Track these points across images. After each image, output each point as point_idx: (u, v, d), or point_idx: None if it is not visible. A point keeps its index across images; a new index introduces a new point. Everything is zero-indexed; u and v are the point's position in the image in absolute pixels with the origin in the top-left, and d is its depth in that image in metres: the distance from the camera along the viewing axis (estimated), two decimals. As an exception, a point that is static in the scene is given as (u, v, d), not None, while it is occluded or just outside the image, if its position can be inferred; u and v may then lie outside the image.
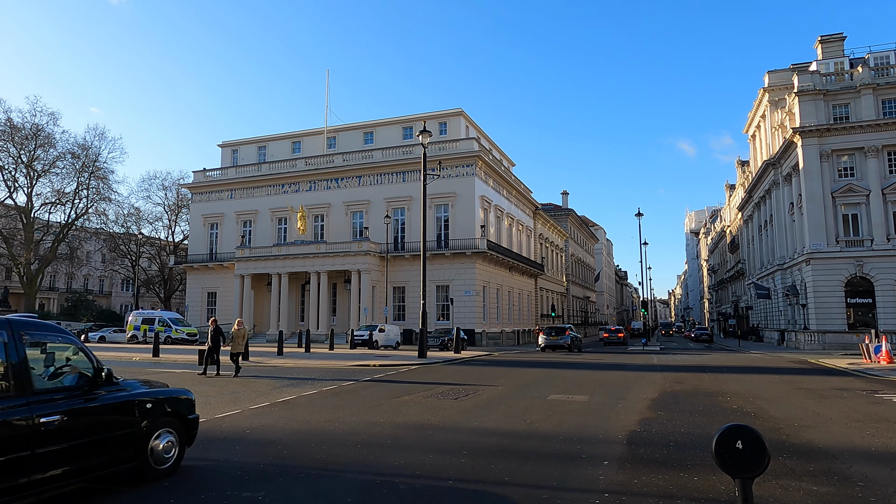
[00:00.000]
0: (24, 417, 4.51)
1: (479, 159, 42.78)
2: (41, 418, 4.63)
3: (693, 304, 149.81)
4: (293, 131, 54.58)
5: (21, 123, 53.99)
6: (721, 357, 29.59)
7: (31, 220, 55.90)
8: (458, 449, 7.70)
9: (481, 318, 41.96)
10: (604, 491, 5.78)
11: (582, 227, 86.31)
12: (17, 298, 59.94)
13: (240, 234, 49.19)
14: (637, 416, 10.40)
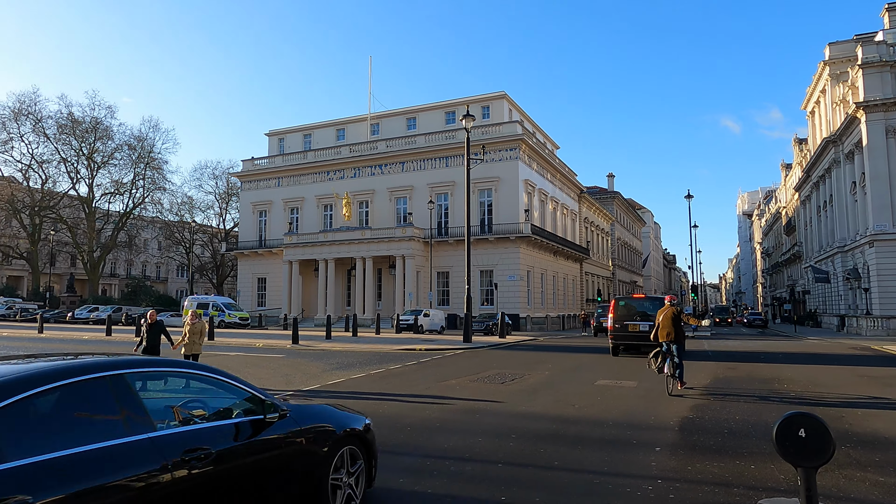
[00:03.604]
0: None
1: (522, 143, 42.30)
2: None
3: (745, 289, 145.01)
4: (337, 118, 55.23)
5: (81, 117, 56.62)
6: (776, 343, 28.59)
7: (93, 209, 58.69)
8: (507, 433, 7.73)
9: (526, 303, 41.76)
10: (656, 477, 5.70)
11: (628, 210, 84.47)
12: (81, 284, 63.17)
13: (287, 221, 50.28)
14: (689, 402, 10.18)
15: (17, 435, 2.71)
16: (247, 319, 41.17)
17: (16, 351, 20.04)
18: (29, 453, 2.66)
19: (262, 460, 3.78)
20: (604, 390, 11.55)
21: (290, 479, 3.98)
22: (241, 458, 3.66)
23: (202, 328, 12.89)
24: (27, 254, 58.45)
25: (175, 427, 3.44)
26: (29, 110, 54.32)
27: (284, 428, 4.02)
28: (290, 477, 3.98)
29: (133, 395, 3.31)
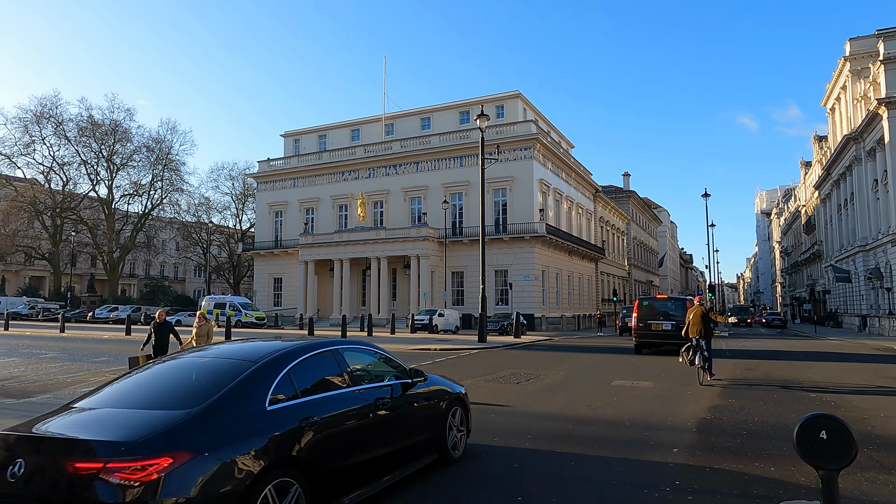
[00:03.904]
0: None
1: (537, 142, 42.16)
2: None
3: (764, 289, 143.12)
4: (352, 119, 55.47)
5: (101, 120, 57.51)
6: (796, 343, 28.19)
7: (112, 211, 59.59)
8: (522, 433, 7.71)
9: (540, 303, 41.62)
10: (674, 478, 5.65)
11: (644, 210, 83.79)
12: (101, 284, 64.16)
13: (303, 222, 50.61)
14: (706, 403, 10.08)
15: (299, 383, 4.56)
16: (263, 319, 41.51)
17: (41, 350, 20.40)
18: (308, 394, 4.57)
19: (413, 408, 5.75)
20: (620, 391, 11.47)
21: (427, 420, 5.95)
22: (403, 405, 5.56)
23: (209, 330, 12.54)
24: (49, 254, 59.48)
25: (369, 384, 5.32)
26: (50, 113, 55.33)
27: (421, 389, 5.99)
28: (426, 419, 5.95)
29: (346, 363, 5.25)
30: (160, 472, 3.26)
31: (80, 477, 3.26)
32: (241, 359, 4.57)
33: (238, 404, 3.99)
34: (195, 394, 4.04)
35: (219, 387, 4.08)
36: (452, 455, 6.24)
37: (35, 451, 3.50)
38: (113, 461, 3.25)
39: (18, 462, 3.42)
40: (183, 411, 3.76)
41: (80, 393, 11.39)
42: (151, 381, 4.45)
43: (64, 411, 4.08)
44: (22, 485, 3.35)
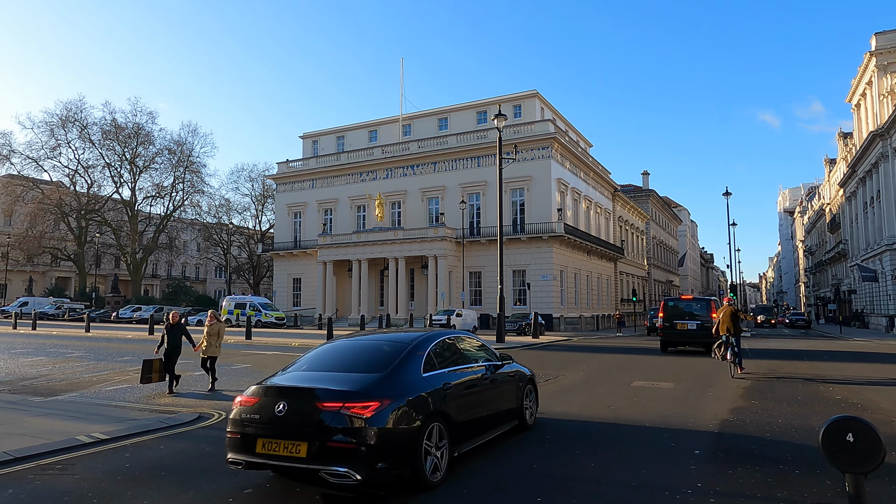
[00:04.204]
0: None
1: (554, 141, 41.94)
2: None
3: (787, 288, 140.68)
4: (370, 120, 55.71)
5: (124, 123, 58.56)
6: (820, 344, 27.70)
7: (135, 212, 60.64)
8: (541, 434, 7.69)
9: (559, 303, 41.40)
10: (696, 481, 5.59)
11: (664, 209, 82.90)
12: (125, 285, 65.26)
13: (321, 222, 50.96)
14: (729, 404, 9.95)
15: (435, 362, 6.15)
16: (283, 319, 41.88)
17: (67, 349, 20.83)
18: (441, 368, 6.16)
19: (503, 383, 7.41)
20: (640, 392, 11.37)
21: (511, 394, 7.62)
22: (497, 380, 7.25)
23: (219, 330, 12.16)
24: (74, 255, 60.70)
25: (476, 363, 7.05)
26: (75, 117, 56.45)
27: (507, 370, 7.68)
28: (511, 392, 7.62)
29: (459, 347, 7.05)
30: (374, 410, 5.00)
31: (326, 412, 5.04)
32: (398, 342, 6.39)
33: (406, 372, 5.75)
34: (378, 363, 5.83)
35: (391, 360, 5.85)
36: (528, 423, 7.98)
37: (291, 397, 5.28)
38: (348, 402, 5.04)
39: (282, 403, 5.19)
40: (376, 374, 5.57)
41: (105, 391, 11.63)
42: (339, 354, 6.35)
43: (285, 373, 6.11)
44: (287, 417, 5.11)
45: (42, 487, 5.60)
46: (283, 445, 5.05)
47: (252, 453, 5.18)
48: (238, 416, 5.44)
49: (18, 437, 7.43)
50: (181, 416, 9.06)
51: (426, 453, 5.37)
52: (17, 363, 16.48)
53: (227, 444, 5.45)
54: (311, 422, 5.02)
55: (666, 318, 20.23)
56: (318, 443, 4.94)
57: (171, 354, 11.48)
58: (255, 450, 5.16)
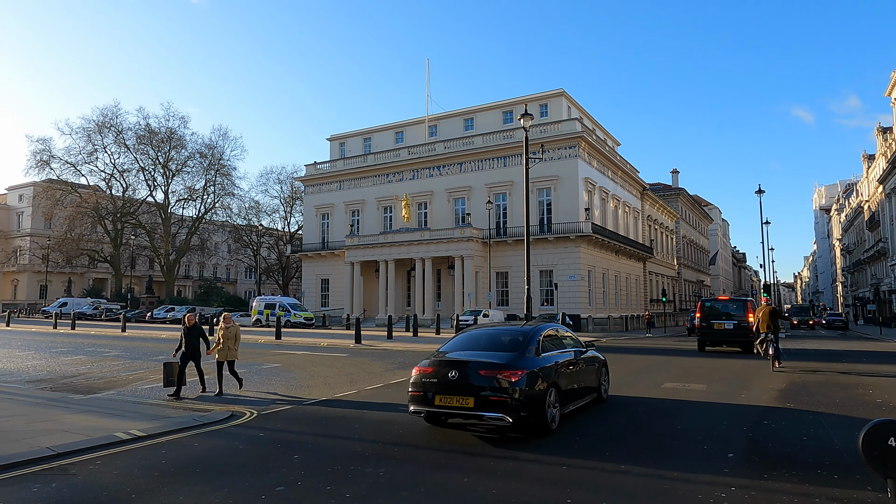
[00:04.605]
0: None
1: (581, 140, 41.57)
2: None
3: (823, 288, 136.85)
4: (396, 122, 55.99)
5: (157, 128, 60.01)
6: (859, 345, 26.88)
7: (168, 215, 62.08)
8: (570, 435, 7.64)
9: (587, 303, 41.00)
10: (729, 484, 5.49)
11: (694, 207, 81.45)
12: (158, 285, 66.86)
13: (349, 223, 51.42)
14: (763, 407, 9.74)
15: (545, 346, 8.17)
16: (311, 319, 42.36)
17: (104, 349, 21.43)
18: (547, 352, 8.15)
19: (587, 364, 9.42)
20: (671, 393, 11.20)
21: (593, 372, 9.64)
22: (583, 361, 9.23)
23: (236, 333, 11.60)
24: (110, 257, 62.43)
25: (569, 348, 8.96)
26: (111, 123, 58.08)
27: (589, 354, 9.64)
28: (593, 371, 9.64)
29: (559, 336, 9.06)
30: (518, 376, 7.21)
31: (486, 377, 7.26)
32: (519, 331, 8.61)
33: (530, 352, 7.87)
34: (510, 346, 8.06)
35: (519, 344, 8.03)
36: (603, 397, 10.02)
37: (460, 367, 7.43)
38: (500, 371, 7.26)
39: (453, 371, 7.40)
40: (513, 353, 7.74)
41: (141, 389, 11.94)
42: (478, 340, 8.56)
43: (446, 351, 8.30)
44: (458, 380, 7.30)
45: (83, 482, 5.78)
46: (455, 399, 7.29)
47: (431, 405, 7.45)
48: (419, 379, 7.64)
49: (60, 433, 7.68)
50: (215, 413, 9.25)
51: (548, 408, 7.57)
52: (58, 362, 17.03)
53: (409, 400, 7.73)
54: (476, 383, 7.26)
55: (703, 318, 21.00)
56: (482, 397, 7.17)
57: (190, 357, 11.26)
58: (433, 403, 7.43)
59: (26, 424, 8.31)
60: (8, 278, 69.28)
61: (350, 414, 9.29)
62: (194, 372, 11.60)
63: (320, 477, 5.83)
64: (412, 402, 7.67)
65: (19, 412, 9.32)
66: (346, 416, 9.08)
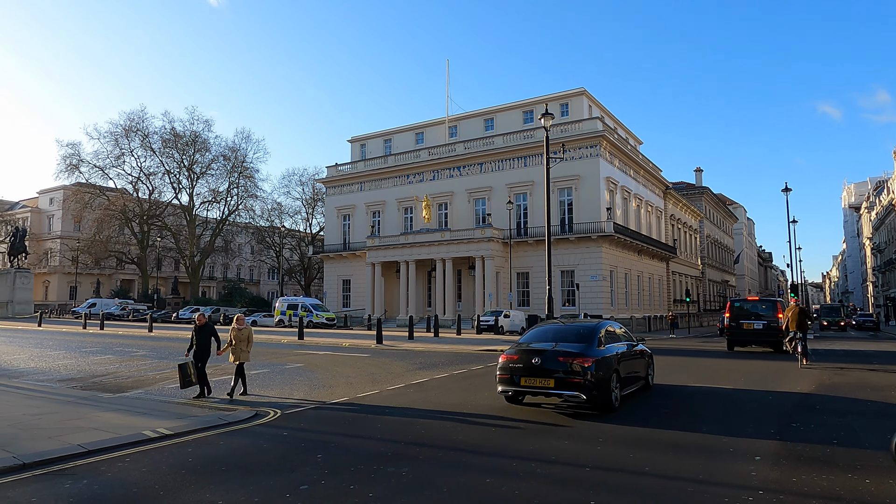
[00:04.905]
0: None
1: (603, 139, 41.23)
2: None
3: (853, 288, 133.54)
4: (416, 123, 56.13)
5: (182, 132, 61.05)
6: (890, 346, 26.17)
7: (193, 217, 63.11)
8: (594, 436, 7.59)
9: (609, 304, 40.63)
10: (757, 488, 5.40)
11: (718, 206, 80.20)
12: (184, 286, 68.00)
13: (369, 224, 51.70)
14: (791, 409, 9.55)
15: (606, 340, 9.78)
16: (333, 320, 42.67)
17: (132, 348, 21.86)
18: (607, 344, 9.72)
19: (638, 356, 11.03)
20: (694, 394, 11.03)
21: (642, 363, 11.26)
22: (635, 353, 10.86)
23: (249, 335, 11.40)
24: (137, 259, 63.69)
25: (623, 342, 10.52)
26: (137, 127, 59.28)
27: (639, 348, 11.24)
28: (642, 362, 11.26)
29: (615, 331, 10.59)
30: (590, 363, 8.74)
31: (564, 362, 8.83)
32: (584, 326, 10.32)
33: (596, 344, 9.40)
34: (580, 338, 9.56)
35: (586, 337, 9.58)
36: (650, 384, 11.70)
37: (541, 354, 9.08)
38: (576, 358, 8.81)
39: (536, 357, 9.00)
40: (583, 344, 9.29)
41: (167, 388, 12.15)
42: (551, 332, 10.10)
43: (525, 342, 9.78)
44: (540, 365, 8.93)
45: (113, 479, 5.91)
46: (538, 380, 8.97)
47: (517, 385, 9.17)
48: (506, 365, 9.32)
49: (91, 430, 7.86)
50: (239, 413, 9.38)
51: (612, 389, 9.21)
52: (88, 361, 17.43)
53: (498, 381, 9.45)
54: (556, 367, 8.91)
55: (732, 318, 21.45)
56: (561, 378, 8.83)
57: (201, 357, 11.12)
58: (519, 383, 9.14)
59: (59, 422, 8.52)
60: (40, 280, 71.05)
61: (372, 414, 9.34)
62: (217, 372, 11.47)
63: (343, 476, 5.88)
64: (501, 383, 9.40)
65: (52, 410, 9.57)
66: (369, 416, 9.14)
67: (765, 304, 21.90)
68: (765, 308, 21.43)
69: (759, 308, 21.58)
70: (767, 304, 21.92)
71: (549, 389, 8.92)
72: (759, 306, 21.81)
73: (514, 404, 9.79)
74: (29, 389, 12.00)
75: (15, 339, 26.14)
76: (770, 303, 21.93)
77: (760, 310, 21.40)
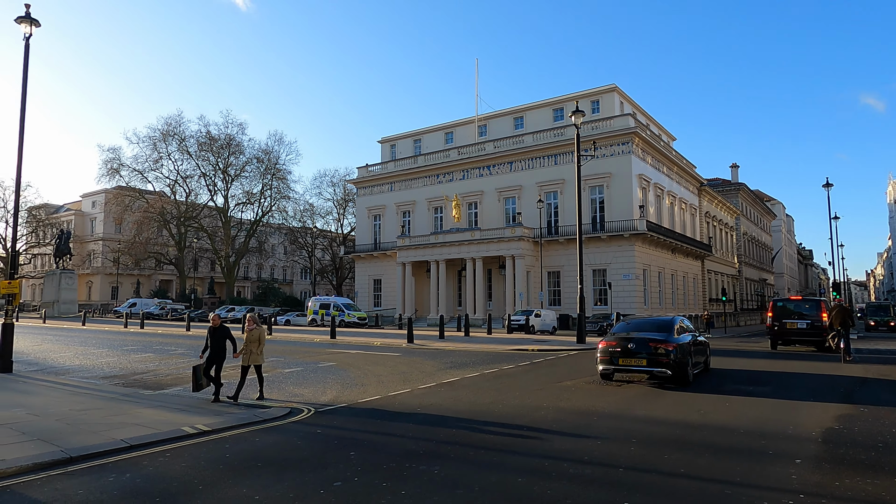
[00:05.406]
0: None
1: (635, 136, 40.61)
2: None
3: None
4: (446, 122, 56.24)
5: (217, 135, 62.42)
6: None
7: (228, 218, 64.46)
8: (626, 437, 7.49)
9: (642, 303, 40.02)
10: (798, 491, 5.26)
11: (755, 203, 78.16)
12: (219, 286, 69.56)
13: (400, 224, 52.01)
14: (834, 411, 9.26)
15: (679, 331, 12.61)
16: (364, 319, 43.08)
17: (171, 347, 22.44)
18: (680, 335, 12.45)
19: (700, 345, 13.78)
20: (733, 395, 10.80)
21: (702, 352, 13.99)
22: (698, 342, 13.50)
23: (260, 336, 10.68)
24: (175, 259, 65.40)
25: (689, 334, 12.99)
26: (174, 131, 60.87)
27: (700, 339, 13.90)
28: (702, 351, 13.99)
29: (683, 325, 13.30)
30: (672, 347, 11.54)
31: (652, 347, 11.59)
32: (662, 320, 13.37)
33: (675, 333, 12.22)
34: (661, 329, 12.42)
35: (666, 328, 12.48)
36: (709, 368, 14.53)
37: (635, 340, 11.84)
38: (661, 343, 11.61)
39: (631, 343, 11.80)
40: (665, 333, 12.14)
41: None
42: (639, 325, 13.26)
43: (620, 331, 12.82)
44: (634, 348, 11.70)
45: (154, 473, 6.09)
46: (633, 360, 11.68)
47: (616, 364, 11.86)
48: (606, 349, 11.97)
49: (133, 426, 8.12)
50: (274, 410, 9.56)
51: (688, 368, 11.85)
52: (129, 359, 17.98)
53: (598, 362, 12.15)
54: (646, 350, 11.59)
55: (775, 317, 21.75)
56: (651, 358, 11.52)
57: (215, 359, 10.61)
58: (617, 363, 11.83)
59: (102, 418, 8.83)
60: (83, 280, 73.57)
61: (404, 412, 9.40)
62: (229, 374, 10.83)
63: (376, 474, 5.94)
64: (601, 363, 12.07)
65: (96, 406, 9.91)
66: (400, 415, 9.20)
67: (808, 304, 21.96)
68: (808, 307, 21.53)
69: (803, 307, 21.70)
70: (811, 303, 21.98)
71: (641, 367, 11.61)
72: (803, 306, 21.93)
73: (607, 381, 12.40)
74: (74, 386, 12.45)
75: (61, 338, 27.14)
76: (814, 302, 21.94)
77: (804, 309, 21.51)
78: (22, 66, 14.91)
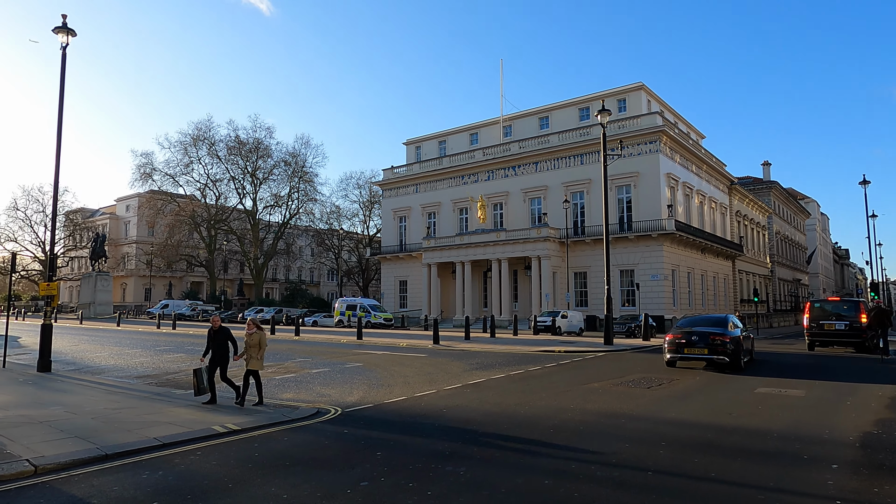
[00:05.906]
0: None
1: (663, 134, 40.00)
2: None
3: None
4: (470, 123, 56.18)
5: (246, 139, 63.49)
6: None
7: (256, 221, 65.49)
8: (655, 439, 7.38)
9: (670, 304, 39.37)
10: (834, 497, 5.12)
11: (788, 201, 76.28)
12: (248, 288, 70.70)
13: (425, 226, 52.13)
14: (872, 416, 8.99)
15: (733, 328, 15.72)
16: (390, 320, 43.30)
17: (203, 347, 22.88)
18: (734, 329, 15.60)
19: (748, 337, 16.99)
20: (765, 398, 10.57)
21: (750, 342, 17.02)
22: (746, 336, 16.51)
23: (259, 340, 10.11)
24: (206, 262, 66.69)
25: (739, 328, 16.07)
26: (204, 136, 62.09)
27: (748, 333, 17.56)
28: (750, 342, 17.06)
29: (734, 321, 16.31)
30: (729, 339, 14.56)
31: (713, 339, 14.47)
32: (718, 317, 16.53)
33: (727, 327, 15.31)
34: (718, 324, 15.55)
35: (722, 323, 15.57)
36: (753, 358, 17.11)
37: (698, 333, 14.76)
38: (720, 336, 14.56)
39: (694, 336, 14.70)
40: (722, 328, 15.18)
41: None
42: (698, 321, 16.24)
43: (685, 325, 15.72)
44: (697, 340, 14.57)
45: (186, 471, 6.22)
46: (696, 350, 14.41)
47: (682, 353, 14.57)
48: (673, 341, 14.75)
49: (165, 425, 8.31)
50: (302, 410, 9.68)
51: (741, 357, 14.71)
52: (162, 359, 18.40)
53: (666, 351, 14.91)
54: (708, 341, 14.31)
55: (812, 318, 21.80)
56: (712, 348, 14.24)
57: (217, 362, 10.25)
58: (683, 352, 14.56)
59: (136, 416, 9.05)
60: (118, 282, 75.52)
61: (430, 413, 9.43)
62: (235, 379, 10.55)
63: (402, 474, 5.97)
64: (669, 353, 14.79)
65: (130, 405, 10.17)
66: (426, 415, 9.23)
67: (846, 305, 21.98)
68: (847, 308, 21.53)
69: (841, 308, 21.73)
70: (850, 304, 22.00)
71: (703, 355, 14.35)
72: (841, 307, 21.94)
73: (670, 367, 14.96)
74: (110, 385, 12.80)
75: (97, 339, 27.90)
76: (853, 303, 21.96)
77: (842, 310, 21.51)
78: (59, 75, 15.41)
